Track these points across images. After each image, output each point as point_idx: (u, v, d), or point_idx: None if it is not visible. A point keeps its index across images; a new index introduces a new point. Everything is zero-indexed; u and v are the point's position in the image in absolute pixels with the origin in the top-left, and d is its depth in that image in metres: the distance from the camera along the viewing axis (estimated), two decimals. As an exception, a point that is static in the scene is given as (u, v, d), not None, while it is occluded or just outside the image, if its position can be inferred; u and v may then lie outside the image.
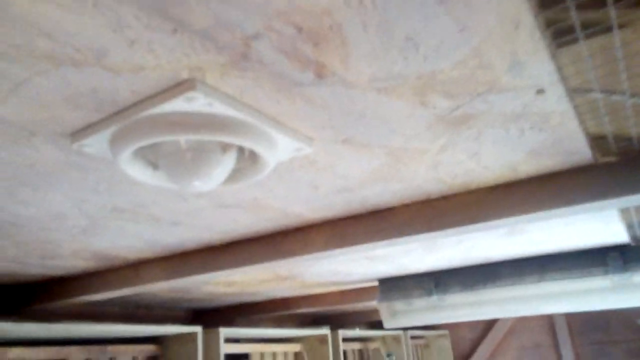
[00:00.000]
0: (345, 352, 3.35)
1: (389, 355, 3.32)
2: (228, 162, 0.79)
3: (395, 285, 2.25)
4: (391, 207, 1.23)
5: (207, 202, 1.10)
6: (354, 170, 0.97)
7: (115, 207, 1.09)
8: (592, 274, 1.83)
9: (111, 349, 2.02)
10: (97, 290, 1.69)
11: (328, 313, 3.64)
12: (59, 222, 1.16)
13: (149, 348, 2.19)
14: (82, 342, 1.94)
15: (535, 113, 0.79)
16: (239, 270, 1.47)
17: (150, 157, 0.81)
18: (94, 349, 1.96)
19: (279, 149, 0.80)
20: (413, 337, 3.90)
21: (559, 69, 0.67)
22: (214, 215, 1.20)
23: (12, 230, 1.19)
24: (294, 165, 0.93)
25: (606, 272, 1.79)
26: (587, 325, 3.76)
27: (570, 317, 3.81)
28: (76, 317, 2.28)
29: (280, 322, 3.43)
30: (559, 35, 0.64)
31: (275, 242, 1.40)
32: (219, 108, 0.68)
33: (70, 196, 1.01)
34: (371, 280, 2.35)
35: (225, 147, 0.77)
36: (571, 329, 3.80)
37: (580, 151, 0.94)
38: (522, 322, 4.03)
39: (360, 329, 3.29)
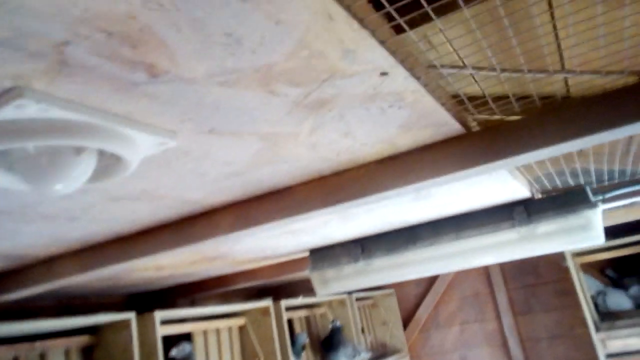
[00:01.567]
0: (291, 321, 3.44)
1: (333, 321, 3.42)
2: (87, 163, 0.78)
3: (325, 255, 2.31)
4: (289, 186, 1.25)
5: (95, 197, 1.09)
6: (234, 156, 0.98)
7: (-1, 210, 1.06)
8: (502, 228, 1.94)
9: (40, 344, 2.00)
10: (11, 289, 1.65)
11: (272, 285, 3.70)
12: (-57, 230, 1.12)
13: (83, 339, 2.17)
14: (10, 341, 1.91)
15: (387, 93, 0.81)
16: (153, 257, 1.47)
17: (4, 164, 0.79)
18: (22, 346, 1.93)
19: (138, 145, 0.80)
20: (359, 299, 4.03)
21: (393, 53, 0.69)
22: (110, 209, 1.19)
23: None
24: (169, 157, 0.93)
25: (513, 225, 1.90)
26: (518, 271, 3.99)
27: (504, 266, 4.04)
28: (4, 316, 2.22)
29: (225, 299, 3.47)
30: (389, 19, 0.66)
31: (183, 228, 1.40)
32: (57, 113, 0.67)
33: (-57, 204, 0.97)
34: (302, 251, 2.40)
35: (79, 149, 0.77)
36: (505, 276, 4.03)
37: (447, 123, 0.98)
38: (462, 274, 4.24)
39: (304, 296, 3.37)
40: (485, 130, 1.06)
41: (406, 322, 4.39)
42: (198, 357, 2.65)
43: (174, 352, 2.32)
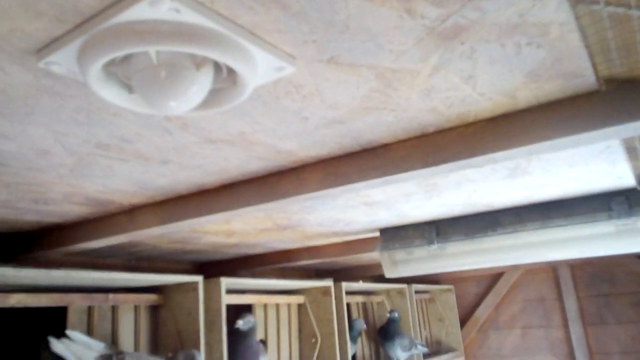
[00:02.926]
0: (349, 305, 3.39)
1: (391, 312, 3.34)
2: (204, 80, 0.75)
3: (396, 235, 2.23)
4: (386, 143, 1.19)
5: (193, 137, 1.06)
6: (343, 97, 0.93)
7: (99, 142, 1.06)
8: (596, 219, 1.79)
9: (113, 297, 2.04)
10: (93, 237, 1.68)
11: (332, 267, 3.65)
12: (44, 160, 1.13)
13: (151, 297, 2.20)
14: (85, 291, 1.96)
15: (532, 24, 0.73)
16: (234, 213, 1.45)
17: (124, 77, 0.76)
18: (97, 296, 1.98)
19: (258, 66, 0.76)
20: (418, 292, 3.92)
21: (558, -34, 0.61)
22: (203, 152, 1.16)
23: (-1, 169, 1.16)
24: (279, 91, 0.88)
25: (610, 217, 1.75)
26: (591, 278, 3.75)
27: (575, 270, 3.81)
28: (78, 267, 2.30)
29: (284, 275, 3.46)
30: None
31: (269, 183, 1.37)
32: (188, 15, 0.63)
33: (50, 128, 0.97)
34: (372, 230, 2.33)
35: (199, 64, 0.73)
36: (576, 282, 3.80)
37: (582, 73, 0.88)
38: (527, 276, 4.04)
39: (364, 282, 3.30)
40: (619, 88, 0.95)
41: (464, 321, 4.23)
42: (257, 331, 2.64)
43: (240, 323, 2.32)
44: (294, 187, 1.32)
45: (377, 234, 2.38)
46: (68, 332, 1.76)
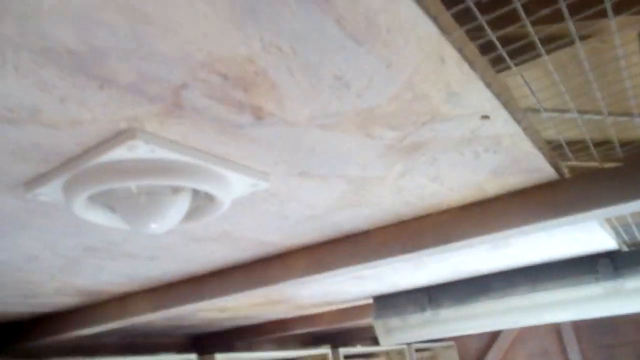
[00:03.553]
0: (349, 370, 3.32)
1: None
2: (182, 203, 0.79)
3: (389, 302, 2.24)
4: (366, 230, 1.23)
5: (178, 238, 1.10)
6: (318, 199, 0.97)
7: (88, 246, 1.10)
8: (584, 281, 1.81)
9: (106, 381, 2.01)
10: (85, 325, 1.69)
11: (330, 331, 3.61)
12: (34, 264, 1.17)
13: (146, 379, 2.17)
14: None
15: (485, 137, 0.79)
16: (223, 299, 1.47)
17: (107, 202, 0.81)
18: (90, 382, 1.96)
19: (233, 186, 0.81)
20: (418, 350, 3.86)
21: (498, 96, 0.67)
22: (189, 249, 1.20)
23: (-10, 274, 1.19)
24: (257, 198, 0.93)
25: (597, 280, 1.78)
26: (594, 329, 3.71)
27: (577, 322, 3.77)
28: (72, 352, 2.27)
29: (281, 343, 3.41)
30: (494, 63, 0.65)
31: (256, 269, 1.40)
32: (163, 153, 0.69)
33: (40, 240, 1.01)
34: (366, 298, 2.34)
35: (176, 189, 0.78)
36: (578, 334, 3.75)
37: (541, 168, 0.94)
38: (528, 330, 3.99)
39: (362, 345, 3.26)
40: (580, 177, 1.00)
41: (468, 378, 4.14)
42: (255, 404, 2.59)
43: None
44: (280, 274, 1.35)
45: (371, 300, 2.38)
46: None
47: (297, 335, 3.47)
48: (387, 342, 2.26)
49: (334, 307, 2.51)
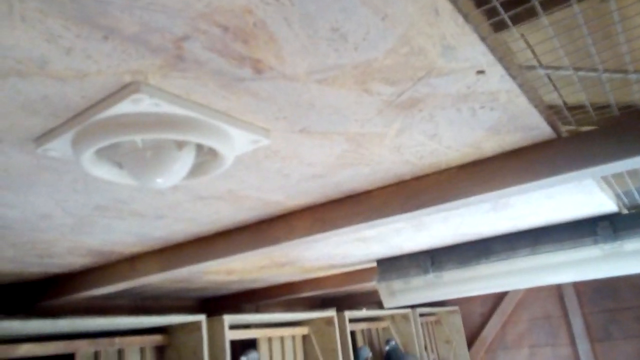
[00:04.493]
0: (354, 333, 3.41)
1: (387, 342, 3.35)
2: (187, 158, 0.82)
3: (392, 265, 2.28)
4: (367, 190, 1.26)
5: (184, 196, 1.14)
6: (319, 157, 1.00)
7: (97, 205, 1.14)
8: (583, 244, 1.84)
9: (119, 340, 2.10)
10: (97, 285, 1.75)
11: (336, 295, 3.69)
12: (46, 222, 1.21)
13: (156, 338, 2.26)
14: (91, 336, 2.02)
15: (481, 93, 0.80)
16: (229, 259, 1.51)
17: (114, 157, 0.84)
18: (103, 341, 2.04)
19: (235, 142, 0.83)
20: (423, 315, 3.95)
21: (493, 50, 0.69)
22: (195, 208, 1.24)
23: (5, 232, 1.24)
24: (259, 155, 0.96)
25: (596, 242, 1.80)
26: (596, 294, 3.76)
27: (579, 286, 3.82)
28: (85, 312, 2.35)
29: (289, 307, 3.50)
30: (489, 17, 0.66)
31: (261, 230, 1.44)
32: (167, 107, 0.71)
33: (51, 197, 1.05)
34: (370, 261, 2.39)
35: (181, 144, 0.81)
36: (580, 298, 3.81)
37: (538, 126, 0.95)
38: (531, 294, 4.05)
39: (367, 309, 3.34)
40: (577, 136, 1.02)
41: (471, 341, 4.23)
42: (263, 364, 2.68)
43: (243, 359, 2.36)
44: (284, 233, 1.39)
45: (375, 264, 2.43)
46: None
47: (305, 299, 3.55)
48: (391, 304, 2.32)
49: (339, 271, 2.57)
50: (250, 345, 2.63)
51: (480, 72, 0.74)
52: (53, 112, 0.72)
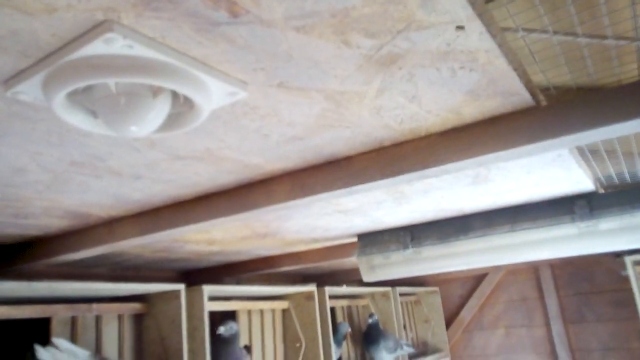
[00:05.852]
0: (333, 309, 3.45)
1: (370, 316, 3.39)
2: (162, 107, 0.81)
3: (373, 240, 2.30)
4: (347, 156, 1.25)
5: (161, 154, 1.12)
6: (298, 116, 0.99)
7: (73, 160, 1.12)
8: (561, 222, 1.87)
9: (97, 306, 2.09)
10: (75, 248, 1.74)
11: (317, 272, 3.71)
12: (21, 177, 1.19)
13: (135, 306, 2.25)
14: (69, 301, 2.01)
15: (461, 51, 0.80)
16: (209, 223, 1.51)
17: (87, 104, 0.83)
18: (81, 306, 2.03)
19: (211, 93, 0.82)
20: (403, 295, 3.99)
21: (473, 4, 0.68)
22: (173, 168, 1.22)
23: (-23, 187, 1.22)
24: (237, 112, 0.95)
25: (573, 220, 1.83)
26: (571, 277, 3.84)
27: (556, 270, 3.89)
28: (64, 278, 2.34)
29: (269, 281, 3.51)
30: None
31: (240, 195, 1.43)
32: (140, 50, 0.70)
33: (24, 149, 1.03)
34: (351, 235, 2.40)
35: (156, 92, 0.79)
36: (556, 281, 3.88)
37: (518, 92, 0.95)
38: (509, 277, 4.12)
39: (348, 285, 3.36)
40: (555, 104, 1.02)
41: (449, 322, 4.30)
42: (241, 337, 2.70)
43: (222, 330, 2.37)
44: (264, 198, 1.38)
45: (356, 239, 2.45)
46: (54, 339, 1.81)
47: (287, 275, 3.57)
48: (370, 279, 2.34)
49: (320, 245, 2.58)
50: (229, 316, 2.64)
51: (460, 27, 0.73)
52: (23, 51, 0.70)
